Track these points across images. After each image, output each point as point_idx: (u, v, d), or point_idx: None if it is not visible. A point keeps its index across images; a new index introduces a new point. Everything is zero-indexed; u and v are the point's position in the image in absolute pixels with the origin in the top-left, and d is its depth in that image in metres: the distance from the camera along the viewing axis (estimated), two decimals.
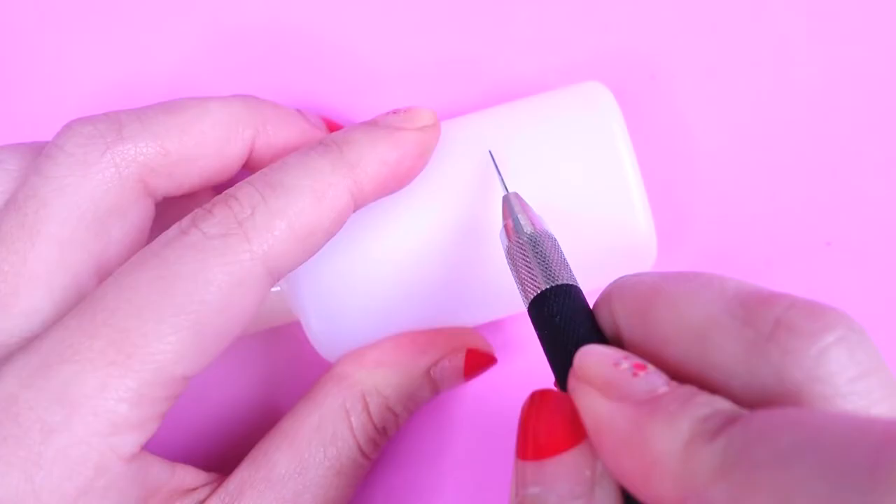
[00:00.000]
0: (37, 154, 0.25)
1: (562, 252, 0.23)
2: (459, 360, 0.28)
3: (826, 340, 0.17)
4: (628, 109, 0.28)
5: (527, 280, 0.22)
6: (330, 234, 0.24)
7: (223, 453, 0.31)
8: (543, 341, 0.21)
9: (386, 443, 0.28)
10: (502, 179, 0.26)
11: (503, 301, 0.27)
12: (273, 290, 0.27)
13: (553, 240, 0.23)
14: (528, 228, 0.24)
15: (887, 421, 0.15)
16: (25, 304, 0.23)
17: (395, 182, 0.25)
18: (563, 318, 0.21)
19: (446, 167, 0.27)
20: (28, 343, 0.23)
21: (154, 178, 0.25)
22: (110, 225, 0.25)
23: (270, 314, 0.29)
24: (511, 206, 0.25)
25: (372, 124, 0.26)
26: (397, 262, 0.26)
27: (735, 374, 0.18)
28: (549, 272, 0.22)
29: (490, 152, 0.26)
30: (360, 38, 0.33)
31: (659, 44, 0.33)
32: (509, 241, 0.24)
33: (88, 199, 0.24)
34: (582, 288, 0.29)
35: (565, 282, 0.22)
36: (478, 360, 0.28)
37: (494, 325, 0.31)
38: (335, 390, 0.27)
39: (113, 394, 0.21)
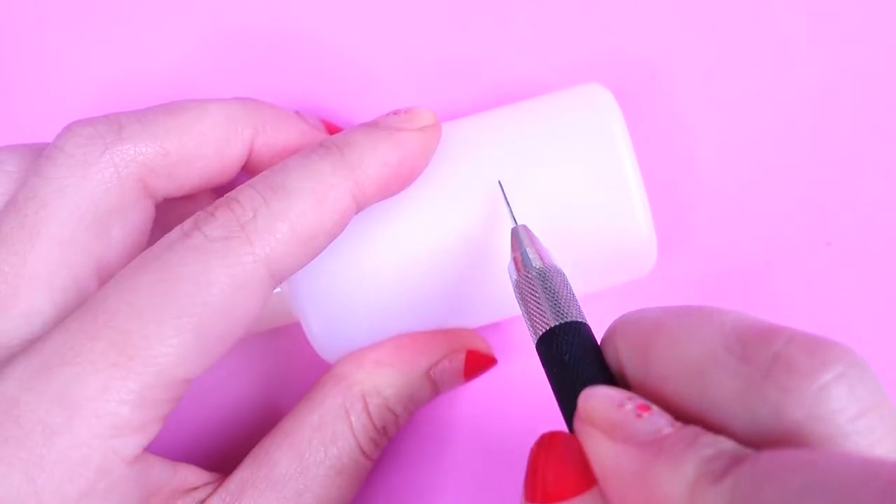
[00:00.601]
0: (37, 155, 0.25)
1: (570, 287, 0.23)
2: (459, 362, 0.28)
3: (825, 378, 0.17)
4: (628, 109, 0.28)
5: (535, 315, 0.22)
6: (332, 237, 0.24)
7: (224, 453, 0.31)
8: (552, 379, 0.21)
9: (387, 443, 0.28)
10: (511, 211, 0.26)
11: (503, 303, 0.27)
12: (274, 291, 0.27)
13: (562, 275, 0.23)
14: (536, 263, 0.23)
15: (895, 463, 0.15)
16: (26, 305, 0.23)
17: (397, 183, 0.25)
18: (572, 357, 0.21)
19: (447, 169, 0.27)
20: (29, 345, 0.23)
21: (154, 179, 0.25)
22: (110, 226, 0.25)
23: (271, 315, 0.29)
24: (520, 238, 0.25)
25: (373, 125, 0.26)
26: (397, 263, 0.26)
27: (734, 412, 0.17)
28: (557, 308, 0.22)
29: (500, 182, 0.26)
30: (360, 38, 0.33)
31: (659, 44, 0.33)
32: (518, 274, 0.24)
33: (88, 200, 0.24)
34: (583, 290, 0.29)
35: (574, 318, 0.22)
36: (478, 362, 0.28)
37: (494, 327, 0.31)
38: (335, 391, 0.27)
39: (114, 396, 0.21)
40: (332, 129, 0.30)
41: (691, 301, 0.31)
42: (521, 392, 0.30)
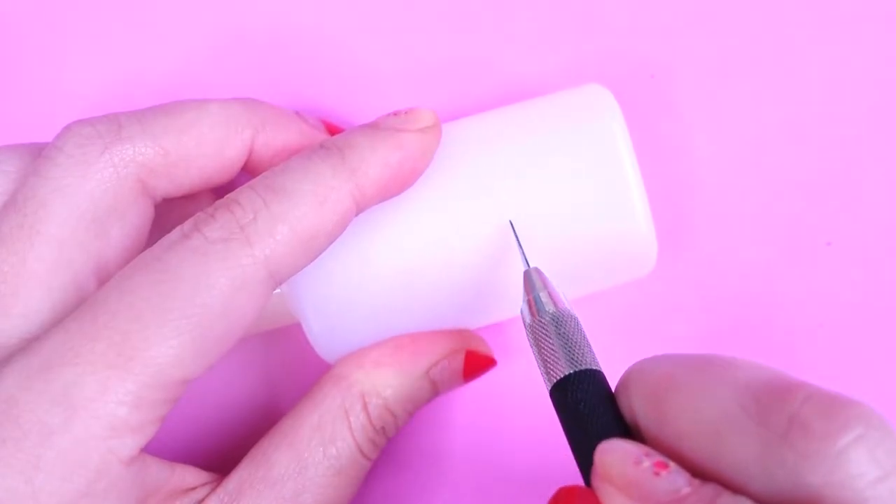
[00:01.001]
0: (36, 155, 0.25)
1: (584, 333, 0.23)
2: (458, 362, 0.28)
3: (843, 441, 0.16)
4: (628, 109, 0.28)
5: (550, 362, 0.22)
6: (332, 238, 0.24)
7: (223, 454, 0.31)
8: (566, 428, 0.21)
9: (386, 443, 0.28)
10: (523, 253, 0.26)
11: (503, 304, 0.27)
12: (274, 291, 0.27)
13: (575, 320, 0.23)
14: (549, 307, 0.23)
15: None
16: (25, 304, 0.23)
17: (397, 185, 0.25)
18: (588, 406, 0.21)
19: (447, 170, 0.27)
20: (28, 344, 0.23)
21: (153, 179, 0.25)
22: (109, 226, 0.25)
23: (271, 316, 0.29)
24: (532, 282, 0.24)
25: (373, 127, 0.26)
26: (398, 263, 0.26)
27: (752, 474, 0.17)
28: (571, 355, 0.22)
29: (511, 222, 0.26)
30: (360, 39, 0.33)
31: (659, 44, 0.33)
32: (532, 317, 0.23)
33: (87, 200, 0.24)
34: (582, 291, 0.29)
35: (588, 366, 0.21)
36: (477, 362, 0.28)
37: (495, 328, 0.31)
38: (334, 391, 0.27)
39: (113, 396, 0.21)
40: (332, 130, 0.30)
41: (692, 302, 0.31)
42: (521, 393, 0.30)
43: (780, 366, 0.30)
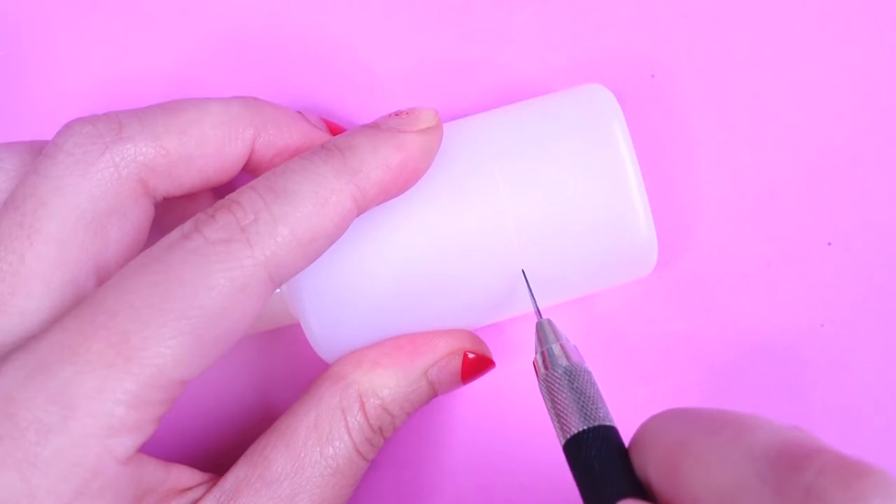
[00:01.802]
0: (36, 153, 0.25)
1: (597, 387, 0.23)
2: (457, 363, 0.28)
3: None
4: (628, 109, 0.28)
5: (564, 417, 0.22)
6: (333, 240, 0.24)
7: (221, 453, 0.31)
8: (580, 484, 0.21)
9: (383, 444, 0.27)
10: (535, 304, 0.26)
11: (503, 304, 0.27)
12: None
13: (588, 374, 0.23)
14: (562, 361, 0.23)
15: None
16: (23, 303, 0.23)
17: (399, 186, 0.25)
18: (602, 464, 0.21)
19: (448, 170, 0.27)
20: (26, 343, 0.23)
21: (153, 178, 0.25)
22: (109, 225, 0.25)
23: (271, 316, 0.29)
24: (545, 334, 0.25)
25: (374, 127, 0.26)
26: (397, 264, 0.26)
27: None
28: (585, 410, 0.22)
29: (523, 271, 0.26)
30: (361, 39, 0.33)
31: (659, 43, 0.33)
32: (545, 370, 0.24)
33: (87, 199, 0.24)
34: (582, 290, 0.29)
35: (602, 422, 0.22)
36: (475, 364, 0.28)
37: (494, 328, 0.31)
38: (332, 390, 0.27)
39: (110, 396, 0.21)
40: (334, 130, 0.29)
41: (692, 302, 0.31)
42: (521, 393, 0.30)
43: (782, 366, 0.31)
